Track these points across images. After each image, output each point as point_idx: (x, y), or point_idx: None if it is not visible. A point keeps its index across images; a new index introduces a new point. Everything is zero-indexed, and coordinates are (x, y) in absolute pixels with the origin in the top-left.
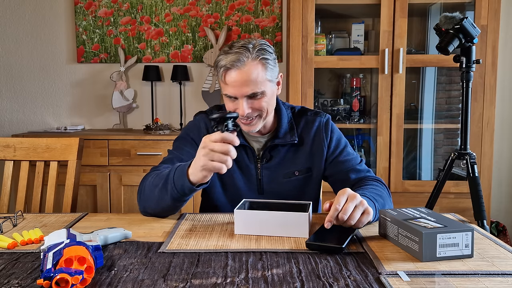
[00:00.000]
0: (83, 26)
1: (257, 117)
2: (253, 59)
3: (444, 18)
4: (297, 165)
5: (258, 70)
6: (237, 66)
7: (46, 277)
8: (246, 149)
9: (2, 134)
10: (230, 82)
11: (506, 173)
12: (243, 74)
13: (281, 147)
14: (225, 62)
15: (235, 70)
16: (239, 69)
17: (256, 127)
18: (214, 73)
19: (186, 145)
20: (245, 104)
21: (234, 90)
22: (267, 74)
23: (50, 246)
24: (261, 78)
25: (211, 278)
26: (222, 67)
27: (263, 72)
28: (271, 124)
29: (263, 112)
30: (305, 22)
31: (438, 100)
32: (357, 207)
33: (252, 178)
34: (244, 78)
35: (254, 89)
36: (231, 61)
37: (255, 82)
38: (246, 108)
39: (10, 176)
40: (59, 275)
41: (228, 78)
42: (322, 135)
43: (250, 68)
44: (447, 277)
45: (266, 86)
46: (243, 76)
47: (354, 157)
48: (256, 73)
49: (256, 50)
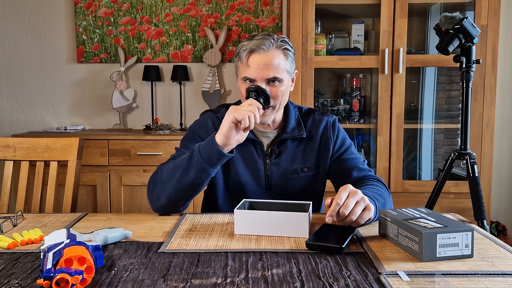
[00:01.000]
0: (83, 26)
1: (271, 108)
2: (277, 47)
3: (444, 18)
4: (305, 162)
5: (280, 58)
6: (263, 49)
7: (46, 277)
8: (255, 144)
9: (2, 134)
10: (253, 64)
11: (506, 173)
12: (266, 57)
13: (289, 142)
14: (250, 45)
15: (260, 53)
16: (264, 52)
17: (269, 119)
18: (237, 59)
19: (194, 143)
20: (264, 86)
21: (256, 72)
22: (287, 64)
23: (50, 246)
24: (282, 66)
25: (211, 278)
26: (247, 50)
27: (284, 61)
28: (280, 121)
29: (277, 102)
30: (305, 22)
31: (438, 100)
32: (359, 203)
33: (260, 173)
34: (267, 62)
35: (275, 74)
36: (257, 44)
37: (276, 67)
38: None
39: (10, 176)
40: (59, 275)
41: (251, 60)
42: (329, 133)
43: (273, 53)
44: (447, 277)
45: (285, 75)
46: (267, 60)
47: (358, 157)
48: (278, 60)
49: (280, 40)
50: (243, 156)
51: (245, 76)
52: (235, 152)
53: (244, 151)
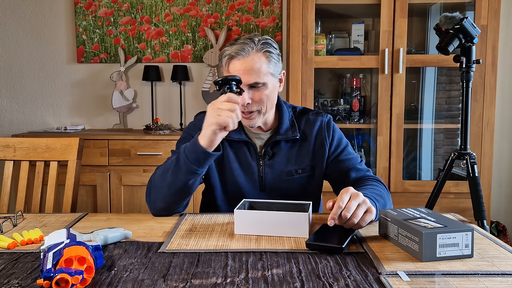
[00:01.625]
0: (83, 26)
1: (256, 112)
2: (257, 51)
3: (444, 18)
4: (299, 163)
5: (262, 61)
6: (242, 55)
7: (46, 277)
8: (248, 145)
9: (2, 134)
10: (234, 70)
11: (506, 173)
12: (246, 63)
13: (283, 144)
14: (229, 51)
15: (239, 58)
16: (243, 57)
17: (256, 122)
18: (220, 64)
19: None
20: (247, 93)
21: None
22: (270, 67)
23: (50, 246)
24: (264, 70)
25: (211, 278)
26: (227, 56)
27: (266, 64)
28: (273, 122)
29: (262, 106)
30: (305, 22)
31: (438, 100)
32: (360, 206)
33: (254, 175)
34: (248, 67)
35: (256, 79)
36: (236, 50)
37: (257, 72)
38: (247, 98)
39: (10, 176)
40: (59, 275)
41: (231, 66)
42: (324, 134)
43: (254, 58)
44: (447, 277)
45: (268, 78)
46: (247, 65)
47: (355, 156)
48: (259, 64)
49: (261, 43)
50: (237, 157)
51: None
52: (231, 153)
53: (238, 152)
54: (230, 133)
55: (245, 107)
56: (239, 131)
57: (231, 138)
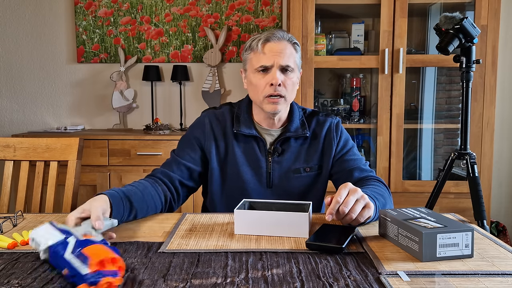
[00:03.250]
0: (83, 26)
1: (283, 97)
2: (288, 40)
3: (444, 18)
4: (307, 162)
5: (292, 50)
6: (278, 38)
7: (92, 282)
8: (258, 140)
9: (2, 134)
10: (268, 51)
11: (506, 173)
12: (281, 45)
13: (293, 141)
14: (264, 35)
15: (275, 41)
16: (279, 40)
17: (280, 108)
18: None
19: (188, 146)
20: (279, 73)
21: (271, 58)
22: (297, 58)
23: (53, 245)
24: (293, 57)
25: (211, 278)
26: (261, 39)
27: (295, 54)
28: (284, 119)
29: (288, 93)
30: (305, 22)
31: (438, 100)
32: (358, 201)
33: (261, 171)
34: (283, 49)
35: (288, 62)
36: (270, 34)
37: (289, 56)
38: (280, 76)
39: (10, 176)
40: (103, 279)
41: (267, 48)
42: (332, 134)
43: (286, 44)
44: (447, 277)
45: (296, 68)
46: (281, 47)
47: (360, 158)
48: (290, 51)
49: (289, 36)
50: (245, 153)
51: (261, 65)
52: (238, 149)
53: (247, 148)
54: (240, 128)
55: (275, 88)
56: (250, 126)
57: (241, 132)
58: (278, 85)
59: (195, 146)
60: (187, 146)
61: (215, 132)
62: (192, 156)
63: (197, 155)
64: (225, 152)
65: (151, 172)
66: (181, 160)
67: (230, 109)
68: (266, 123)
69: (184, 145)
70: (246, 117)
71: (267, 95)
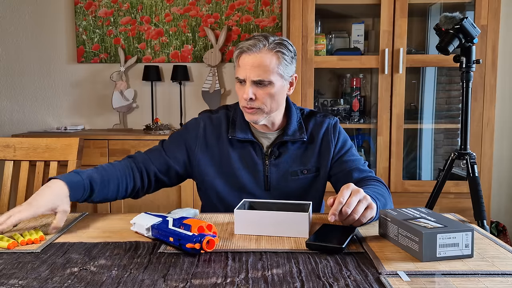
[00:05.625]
0: (83, 26)
1: (258, 109)
2: (269, 49)
3: (444, 18)
4: (305, 164)
5: (271, 60)
6: (252, 51)
7: (197, 240)
8: (254, 145)
9: (2, 134)
10: (242, 64)
11: (506, 173)
12: (255, 59)
13: (290, 144)
14: (242, 45)
15: (249, 54)
16: (253, 53)
17: (258, 119)
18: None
19: (176, 144)
20: (250, 88)
21: (243, 72)
22: (280, 68)
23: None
24: (272, 69)
25: (211, 278)
26: (238, 49)
27: (276, 65)
28: (281, 122)
29: (265, 105)
30: (305, 22)
31: (438, 100)
32: (361, 202)
33: (259, 174)
34: (255, 63)
35: (262, 76)
36: (248, 45)
37: (264, 70)
38: (250, 92)
39: (10, 176)
40: (207, 238)
41: (241, 60)
42: (330, 136)
43: (263, 55)
44: (447, 277)
45: (276, 78)
46: (255, 61)
47: (359, 158)
48: (268, 62)
49: (274, 43)
50: (241, 157)
51: (236, 76)
52: (233, 154)
53: (243, 152)
54: (235, 133)
55: (247, 102)
56: (245, 131)
57: (237, 138)
58: (250, 99)
59: (183, 147)
60: (175, 144)
61: (209, 137)
62: (176, 155)
63: (181, 156)
64: (219, 157)
65: (134, 154)
66: (164, 154)
67: (226, 113)
68: (261, 126)
69: (173, 142)
70: (241, 121)
71: (243, 106)
